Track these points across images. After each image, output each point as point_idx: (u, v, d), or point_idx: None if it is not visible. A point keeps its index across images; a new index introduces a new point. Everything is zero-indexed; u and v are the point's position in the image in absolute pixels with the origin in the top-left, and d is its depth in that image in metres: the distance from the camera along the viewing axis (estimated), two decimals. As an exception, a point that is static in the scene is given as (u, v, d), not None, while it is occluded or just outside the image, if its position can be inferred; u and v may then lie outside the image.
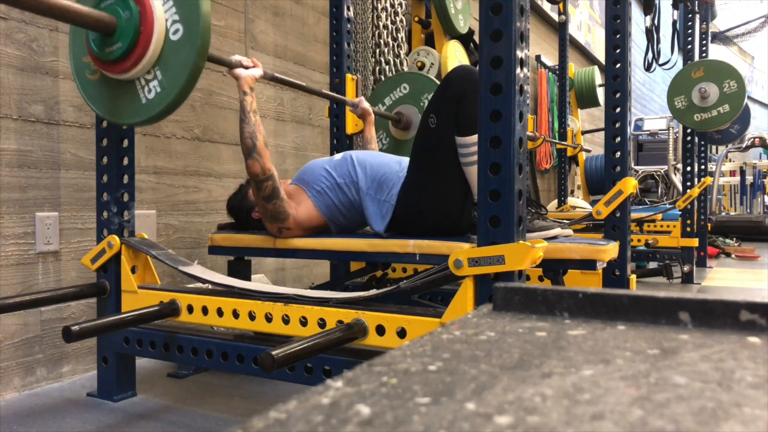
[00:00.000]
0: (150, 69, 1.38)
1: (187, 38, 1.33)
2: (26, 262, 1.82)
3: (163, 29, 1.35)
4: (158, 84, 1.37)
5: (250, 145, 1.66)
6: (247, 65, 1.69)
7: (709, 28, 4.82)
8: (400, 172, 1.75)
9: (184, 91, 1.35)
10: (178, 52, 1.34)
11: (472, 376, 0.34)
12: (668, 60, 4.12)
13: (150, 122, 1.45)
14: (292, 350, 1.17)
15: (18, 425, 1.54)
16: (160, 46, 1.36)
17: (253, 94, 1.67)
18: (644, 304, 0.47)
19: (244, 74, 1.67)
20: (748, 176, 8.89)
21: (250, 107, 1.66)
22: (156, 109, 1.39)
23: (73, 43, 1.56)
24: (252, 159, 1.66)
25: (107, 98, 1.48)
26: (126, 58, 1.37)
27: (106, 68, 1.42)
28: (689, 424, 0.27)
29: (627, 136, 2.31)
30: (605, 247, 1.75)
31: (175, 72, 1.35)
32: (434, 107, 1.65)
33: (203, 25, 1.32)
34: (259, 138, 1.66)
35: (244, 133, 1.66)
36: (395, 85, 2.59)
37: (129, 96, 1.43)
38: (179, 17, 1.34)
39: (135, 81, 1.41)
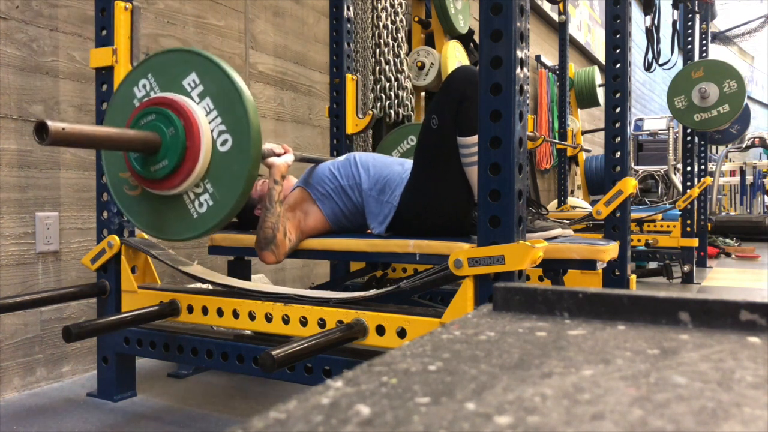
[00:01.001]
0: (199, 182, 1.32)
1: (237, 149, 1.28)
2: (26, 262, 1.82)
3: (210, 142, 1.30)
4: (210, 197, 1.32)
5: (269, 236, 1.61)
6: (279, 153, 1.65)
7: (709, 28, 4.82)
8: (402, 174, 1.75)
9: (240, 202, 1.30)
10: (229, 164, 1.29)
11: (472, 376, 0.34)
12: (668, 60, 4.12)
13: (204, 236, 1.39)
14: (292, 350, 1.17)
15: (18, 425, 1.54)
16: (208, 160, 1.30)
17: (283, 184, 1.63)
18: (644, 304, 0.47)
19: (278, 162, 1.63)
20: (748, 176, 8.89)
21: (277, 197, 1.61)
22: (210, 224, 1.33)
23: (107, 159, 1.49)
24: (268, 251, 1.61)
25: (151, 213, 1.42)
26: (174, 176, 1.32)
27: (150, 186, 1.36)
28: (689, 424, 0.27)
29: (627, 136, 2.31)
30: (605, 247, 1.75)
31: (229, 184, 1.29)
32: (436, 108, 1.65)
33: (254, 135, 1.27)
34: (280, 229, 1.61)
35: (265, 222, 1.61)
36: (402, 137, 2.61)
37: (177, 211, 1.37)
38: (226, 127, 1.29)
39: (183, 195, 1.35)
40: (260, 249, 1.63)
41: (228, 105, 1.29)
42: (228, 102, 1.29)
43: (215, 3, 2.47)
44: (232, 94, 1.29)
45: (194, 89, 1.33)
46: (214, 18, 2.46)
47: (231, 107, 1.29)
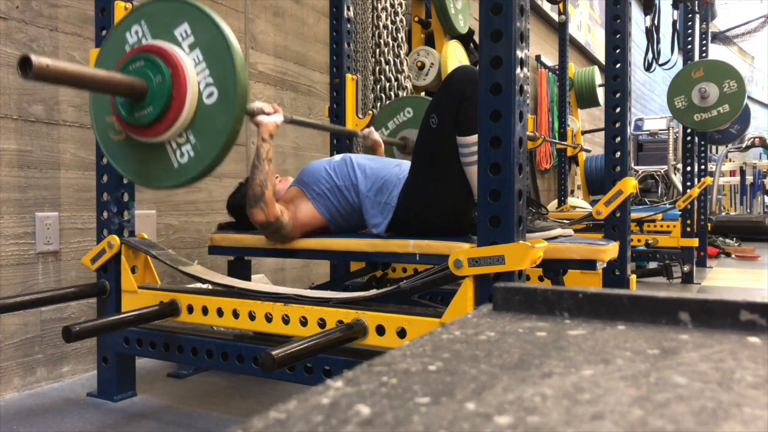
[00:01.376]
0: (182, 132, 1.33)
1: (222, 102, 1.28)
2: (26, 262, 1.82)
3: (196, 93, 1.30)
4: (192, 148, 1.32)
5: (258, 193, 1.62)
6: (269, 111, 1.65)
7: (709, 28, 4.82)
8: (399, 175, 1.75)
9: (221, 156, 1.30)
10: (213, 116, 1.29)
11: (472, 376, 0.34)
12: (668, 60, 4.12)
13: (182, 186, 1.40)
14: (292, 350, 1.17)
15: (18, 425, 1.54)
16: (193, 111, 1.30)
17: (271, 142, 1.64)
18: (644, 304, 0.47)
19: (266, 121, 1.63)
20: (748, 176, 8.89)
21: (266, 155, 1.62)
22: (189, 174, 1.33)
23: (94, 102, 1.49)
24: (258, 208, 1.63)
25: (134, 160, 1.42)
26: (157, 123, 1.32)
27: (135, 132, 1.36)
28: (689, 424, 0.27)
29: (627, 136, 2.31)
30: (605, 247, 1.75)
31: (211, 137, 1.29)
32: (436, 107, 1.65)
33: (240, 90, 1.27)
34: (269, 187, 1.62)
35: (255, 179, 1.62)
36: (398, 109, 2.58)
37: (159, 159, 1.37)
38: (213, 80, 1.29)
39: (166, 144, 1.36)
40: (250, 207, 1.65)
41: (217, 58, 1.29)
42: (217, 55, 1.29)
43: (215, 3, 2.47)
44: (221, 47, 1.29)
45: (185, 40, 1.33)
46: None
47: (220, 61, 1.29)
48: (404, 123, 2.55)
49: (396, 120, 2.57)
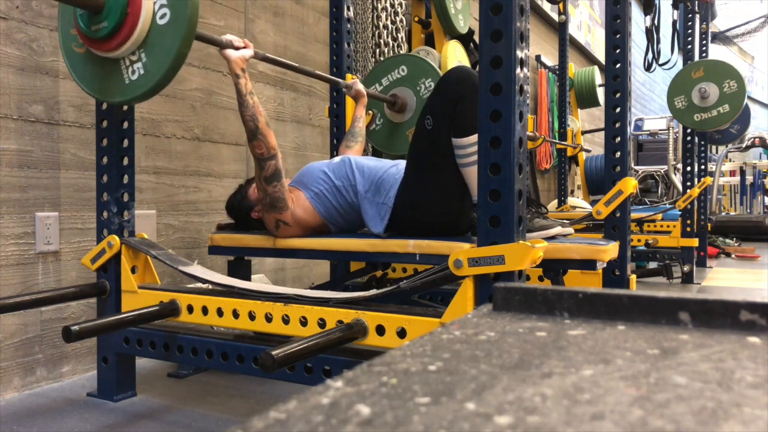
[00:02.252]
0: (135, 50, 1.38)
1: (173, 23, 1.32)
2: (26, 262, 1.82)
3: (151, 12, 1.35)
4: (142, 66, 1.37)
5: (252, 128, 1.64)
6: (238, 45, 1.65)
7: (709, 28, 4.82)
8: (396, 175, 1.75)
9: (168, 76, 1.35)
10: (163, 36, 1.34)
11: (472, 376, 0.34)
12: (668, 60, 4.12)
13: (132, 102, 1.45)
14: (292, 350, 1.17)
15: (18, 425, 1.54)
16: (146, 29, 1.35)
17: (246, 76, 1.64)
18: (644, 304, 0.47)
19: (234, 56, 1.63)
20: (748, 176, 8.89)
21: (245, 89, 1.63)
22: (138, 91, 1.39)
23: (62, 15, 1.55)
24: (256, 140, 1.65)
25: (92, 74, 1.48)
26: (112, 38, 1.37)
27: (91, 45, 1.42)
28: (689, 424, 0.27)
29: (627, 136, 2.31)
30: (605, 247, 1.75)
31: (160, 56, 1.34)
32: (431, 109, 1.65)
33: (191, 11, 1.31)
34: (260, 119, 1.64)
35: (244, 116, 1.64)
36: (393, 66, 2.56)
37: (113, 75, 1.43)
38: (167, 1, 1.33)
39: (120, 60, 1.41)
40: (249, 143, 1.67)
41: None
42: None
43: (215, 3, 2.47)
44: None
45: None
46: (214, 18, 2.46)
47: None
48: (397, 80, 2.54)
49: (390, 77, 2.56)
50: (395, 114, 2.54)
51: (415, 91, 2.50)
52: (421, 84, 2.48)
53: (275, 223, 1.77)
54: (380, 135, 2.61)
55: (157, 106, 2.23)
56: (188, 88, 2.35)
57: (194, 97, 2.38)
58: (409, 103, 2.51)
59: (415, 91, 2.50)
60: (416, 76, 2.49)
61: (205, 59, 2.42)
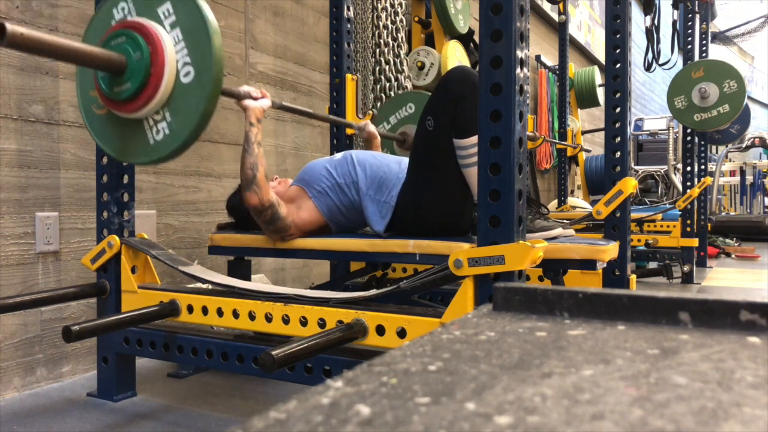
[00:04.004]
0: (159, 110, 1.35)
1: (198, 82, 1.30)
2: (26, 262, 1.82)
3: (174, 71, 1.32)
4: (167, 126, 1.34)
5: (250, 177, 1.63)
6: (256, 96, 1.66)
7: (709, 28, 4.82)
8: (399, 173, 1.75)
9: (194, 135, 1.32)
10: (188, 95, 1.31)
11: (472, 376, 0.34)
12: (668, 60, 4.12)
13: (157, 163, 1.42)
14: (292, 350, 1.17)
15: (18, 425, 1.54)
16: (170, 89, 1.32)
17: (259, 126, 1.65)
18: (644, 304, 0.47)
19: (253, 105, 1.64)
20: (748, 176, 8.89)
21: (255, 138, 1.63)
22: (164, 152, 1.35)
23: (80, 76, 1.51)
24: (251, 191, 1.64)
25: (114, 135, 1.44)
26: (135, 99, 1.33)
27: (114, 107, 1.38)
28: (689, 424, 0.27)
29: (627, 136, 2.31)
30: (605, 247, 1.75)
31: (185, 116, 1.31)
32: (431, 109, 1.65)
33: (216, 71, 1.28)
34: (260, 170, 1.63)
35: (245, 163, 1.64)
36: (400, 104, 2.58)
37: (137, 135, 1.39)
38: (191, 60, 1.30)
39: (143, 121, 1.38)
40: (243, 191, 1.66)
41: (196, 39, 1.31)
42: (196, 36, 1.31)
43: (215, 3, 2.47)
44: (201, 29, 1.31)
45: (167, 18, 1.35)
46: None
47: (198, 41, 1.31)
48: (405, 118, 2.55)
49: (397, 115, 2.57)
50: (404, 152, 2.54)
51: None
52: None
53: (280, 237, 1.78)
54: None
55: (157, 106, 2.23)
56: (188, 88, 2.35)
57: (194, 97, 2.38)
58: None
59: None
60: None
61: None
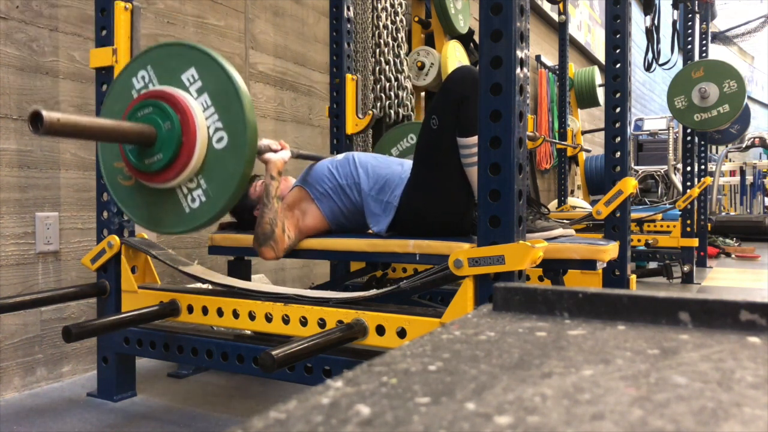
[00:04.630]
0: (193, 177, 1.32)
1: (233, 147, 1.27)
2: (26, 262, 1.82)
3: (206, 138, 1.30)
4: (203, 193, 1.31)
5: (268, 232, 1.62)
6: (276, 149, 1.66)
7: (709, 28, 4.82)
8: (402, 174, 1.75)
9: (232, 200, 1.30)
10: (223, 161, 1.28)
11: (472, 376, 0.34)
12: (668, 60, 4.12)
13: (194, 231, 1.39)
14: (292, 350, 1.17)
15: (18, 425, 1.54)
16: (203, 156, 1.30)
17: (280, 179, 1.64)
18: (644, 304, 0.47)
19: (274, 158, 1.64)
20: (748, 176, 8.89)
21: (274, 193, 1.62)
22: (202, 219, 1.33)
23: (102, 148, 1.49)
24: (267, 246, 1.63)
25: (144, 205, 1.41)
26: (168, 169, 1.31)
27: (144, 178, 1.36)
28: (689, 424, 0.27)
29: (627, 136, 2.31)
30: (605, 247, 1.75)
31: (222, 181, 1.29)
32: (436, 108, 1.65)
33: (250, 134, 1.26)
34: (279, 225, 1.62)
35: (264, 218, 1.62)
36: (402, 135, 2.59)
37: (169, 204, 1.36)
38: (222, 125, 1.29)
39: (176, 189, 1.35)
40: (259, 245, 1.64)
41: (225, 102, 1.29)
42: (226, 99, 1.29)
43: (215, 3, 2.47)
44: (230, 91, 1.28)
45: (193, 84, 1.33)
46: (214, 18, 2.46)
47: (228, 105, 1.28)
48: (407, 149, 2.57)
49: (399, 146, 2.60)
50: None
51: None
52: None
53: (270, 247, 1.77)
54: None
55: (157, 106, 2.23)
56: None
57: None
58: None
59: None
60: None
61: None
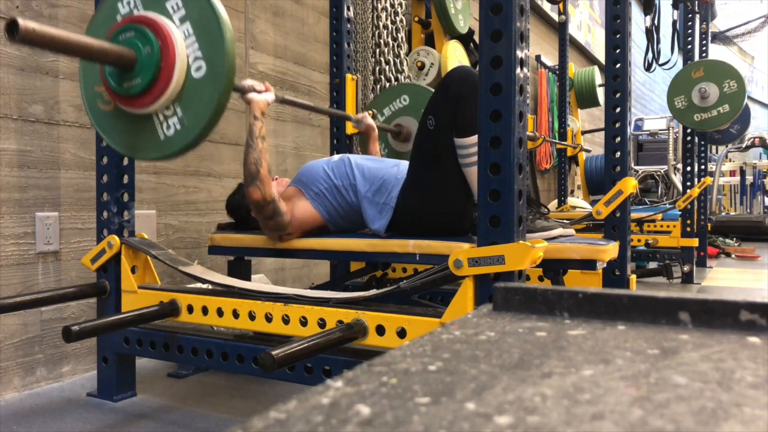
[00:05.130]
0: (170, 105, 1.33)
1: (210, 77, 1.28)
2: (26, 262, 1.82)
3: (185, 66, 1.30)
4: (178, 121, 1.33)
5: (253, 172, 1.62)
6: (260, 90, 1.66)
7: (709, 28, 4.82)
8: (398, 175, 1.75)
9: (206, 130, 1.30)
10: (200, 90, 1.29)
11: (472, 376, 0.34)
12: (668, 60, 4.12)
13: (168, 159, 1.40)
14: (292, 350, 1.17)
15: (18, 425, 1.54)
16: (181, 83, 1.31)
17: (263, 120, 1.64)
18: (644, 304, 0.47)
19: (257, 99, 1.64)
20: (748, 176, 8.89)
21: (258, 133, 1.63)
22: (175, 147, 1.33)
23: (84, 71, 1.50)
24: (254, 186, 1.63)
25: (122, 131, 1.42)
26: (145, 94, 1.32)
27: (122, 102, 1.37)
28: (689, 424, 0.27)
29: (627, 136, 2.31)
30: (605, 247, 1.75)
31: (197, 110, 1.30)
32: (432, 109, 1.65)
33: (228, 65, 1.27)
34: (263, 165, 1.63)
35: (248, 158, 1.63)
36: (394, 96, 2.56)
37: (146, 131, 1.37)
38: (202, 54, 1.29)
39: (153, 116, 1.36)
40: (246, 186, 1.65)
41: (207, 33, 1.30)
42: (207, 30, 1.30)
43: (215, 3, 2.46)
44: (212, 22, 1.29)
45: (176, 12, 1.34)
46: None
47: (209, 35, 1.29)
48: (400, 110, 2.53)
49: (392, 107, 2.55)
50: (400, 144, 2.52)
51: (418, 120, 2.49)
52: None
53: (278, 236, 1.77)
54: None
55: (157, 106, 2.23)
56: (188, 88, 2.35)
57: (194, 97, 2.38)
58: (413, 132, 2.50)
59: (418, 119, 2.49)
60: (419, 105, 2.47)
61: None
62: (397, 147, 2.55)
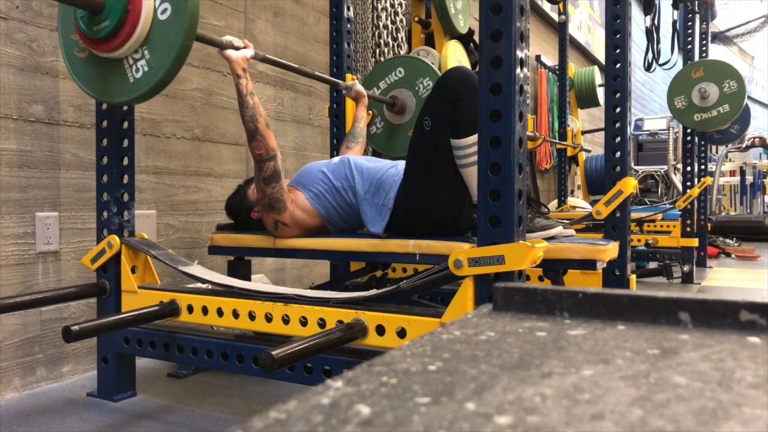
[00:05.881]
0: (138, 48, 1.38)
1: (175, 17, 1.33)
2: (26, 262, 1.82)
3: (152, 9, 1.36)
4: (146, 63, 1.38)
5: (252, 128, 1.65)
6: (238, 46, 1.65)
7: (709, 28, 4.82)
8: (396, 176, 1.75)
9: (172, 71, 1.36)
10: (166, 32, 1.35)
11: (472, 376, 0.34)
12: (668, 60, 4.12)
13: (137, 101, 1.45)
14: (292, 350, 1.17)
15: (18, 425, 1.54)
16: (148, 26, 1.36)
17: (247, 75, 1.65)
18: (644, 304, 0.47)
19: (235, 56, 1.63)
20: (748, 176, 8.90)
21: (245, 89, 1.63)
22: (143, 89, 1.39)
23: (62, 21, 1.56)
24: (255, 141, 1.66)
25: (95, 77, 1.48)
26: (114, 37, 1.37)
27: (94, 46, 1.43)
28: (689, 424, 0.27)
29: (627, 136, 2.31)
30: (605, 247, 1.75)
31: (163, 52, 1.35)
32: (429, 110, 1.65)
33: (191, 5, 1.32)
34: (259, 120, 1.65)
35: (244, 116, 1.65)
36: (390, 68, 2.57)
37: (117, 75, 1.44)
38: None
39: (123, 60, 1.42)
40: (249, 143, 1.68)
41: None
42: None
43: (215, 3, 2.47)
44: None
45: None
46: (214, 18, 2.46)
47: None
48: (396, 82, 2.55)
49: (387, 80, 2.57)
50: (395, 116, 2.54)
51: (414, 92, 2.50)
52: (420, 84, 2.48)
53: (274, 223, 1.77)
54: (380, 137, 2.61)
55: (157, 106, 2.23)
56: (188, 88, 2.35)
57: (194, 97, 2.38)
58: (408, 104, 2.51)
59: (414, 91, 2.50)
60: (414, 77, 2.49)
61: (206, 59, 2.42)
62: (392, 119, 2.57)
